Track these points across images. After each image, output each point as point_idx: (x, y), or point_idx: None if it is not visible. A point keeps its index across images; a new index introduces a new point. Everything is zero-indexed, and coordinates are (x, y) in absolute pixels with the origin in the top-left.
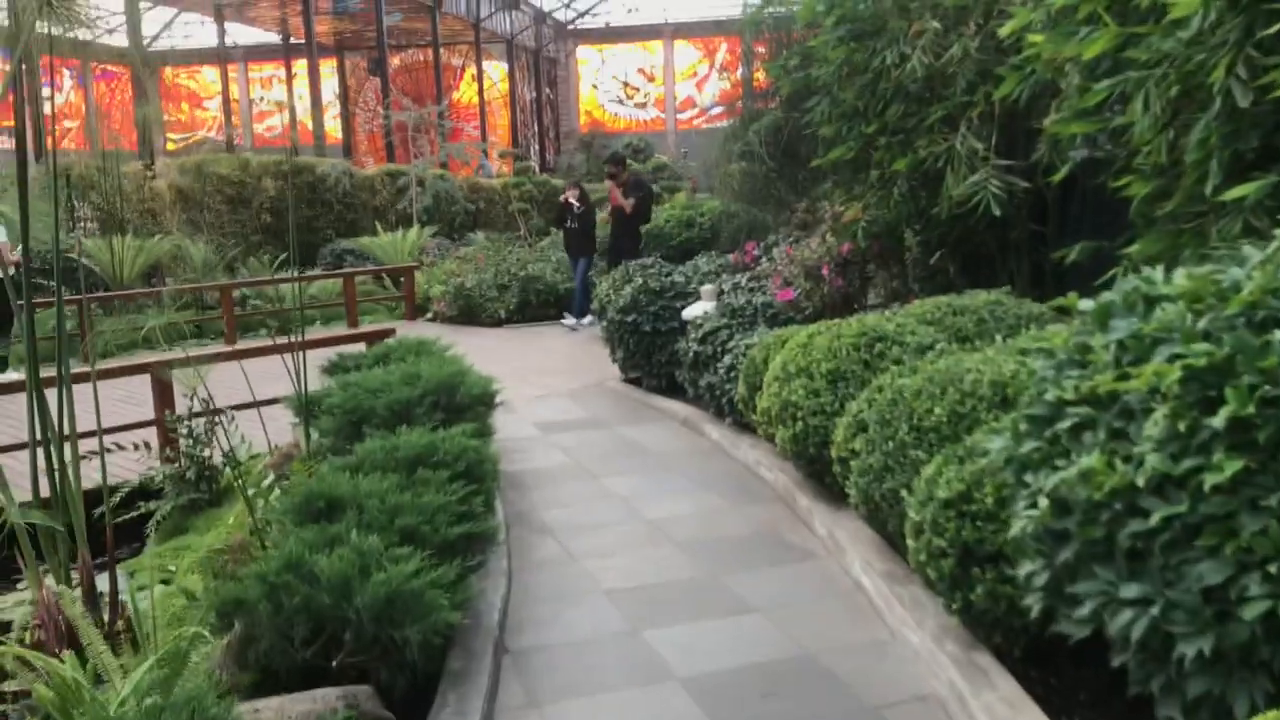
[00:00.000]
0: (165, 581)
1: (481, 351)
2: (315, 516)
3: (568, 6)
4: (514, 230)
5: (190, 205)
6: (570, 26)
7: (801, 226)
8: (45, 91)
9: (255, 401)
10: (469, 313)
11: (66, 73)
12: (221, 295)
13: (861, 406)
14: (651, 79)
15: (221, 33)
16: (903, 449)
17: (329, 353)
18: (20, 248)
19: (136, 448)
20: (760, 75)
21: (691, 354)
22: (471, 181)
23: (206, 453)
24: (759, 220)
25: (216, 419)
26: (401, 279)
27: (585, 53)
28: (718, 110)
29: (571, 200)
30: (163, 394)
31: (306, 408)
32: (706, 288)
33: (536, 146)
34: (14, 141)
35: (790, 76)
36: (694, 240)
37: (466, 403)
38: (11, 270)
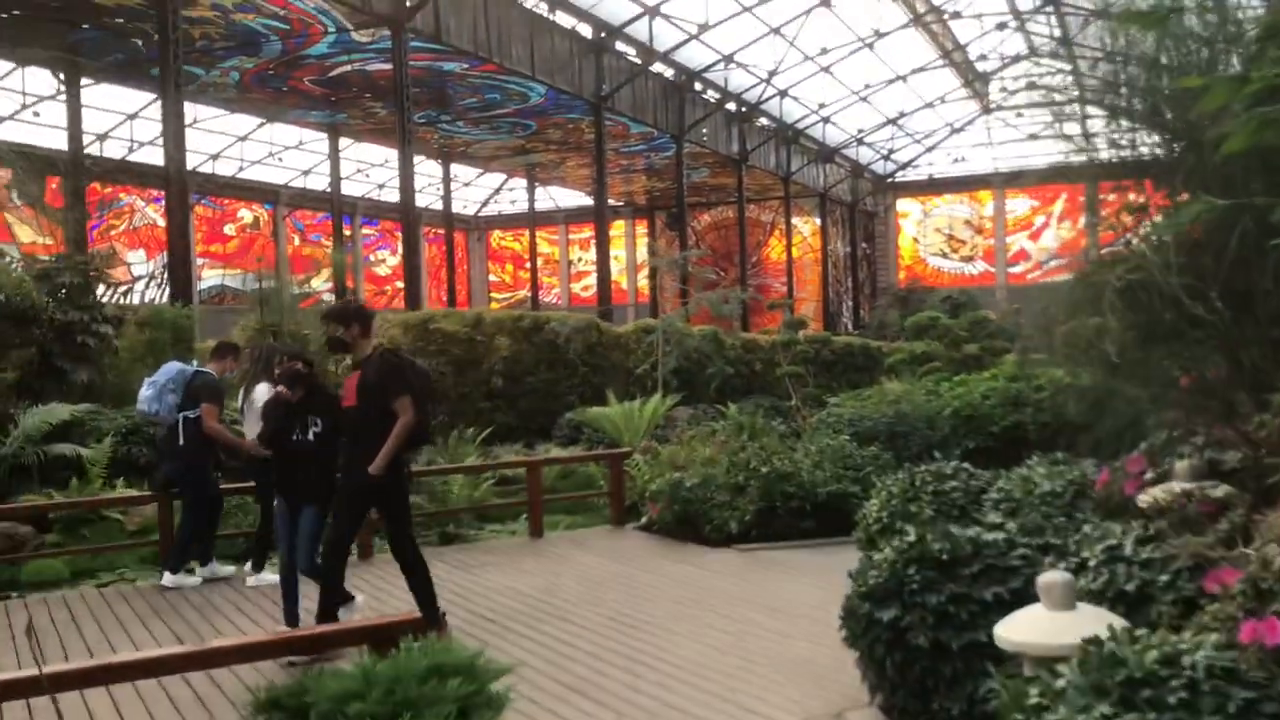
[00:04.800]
0: None
1: (660, 600)
2: None
3: (888, 159)
4: (785, 399)
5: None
6: (890, 179)
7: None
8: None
9: None
10: (688, 521)
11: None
12: None
13: None
14: (979, 230)
15: (532, 194)
16: None
17: None
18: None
19: None
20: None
21: None
22: (746, 339)
23: None
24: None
25: None
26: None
27: (906, 205)
28: (1055, 264)
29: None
30: None
31: None
32: (1052, 580)
33: (850, 303)
34: None
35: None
36: (1024, 428)
37: None
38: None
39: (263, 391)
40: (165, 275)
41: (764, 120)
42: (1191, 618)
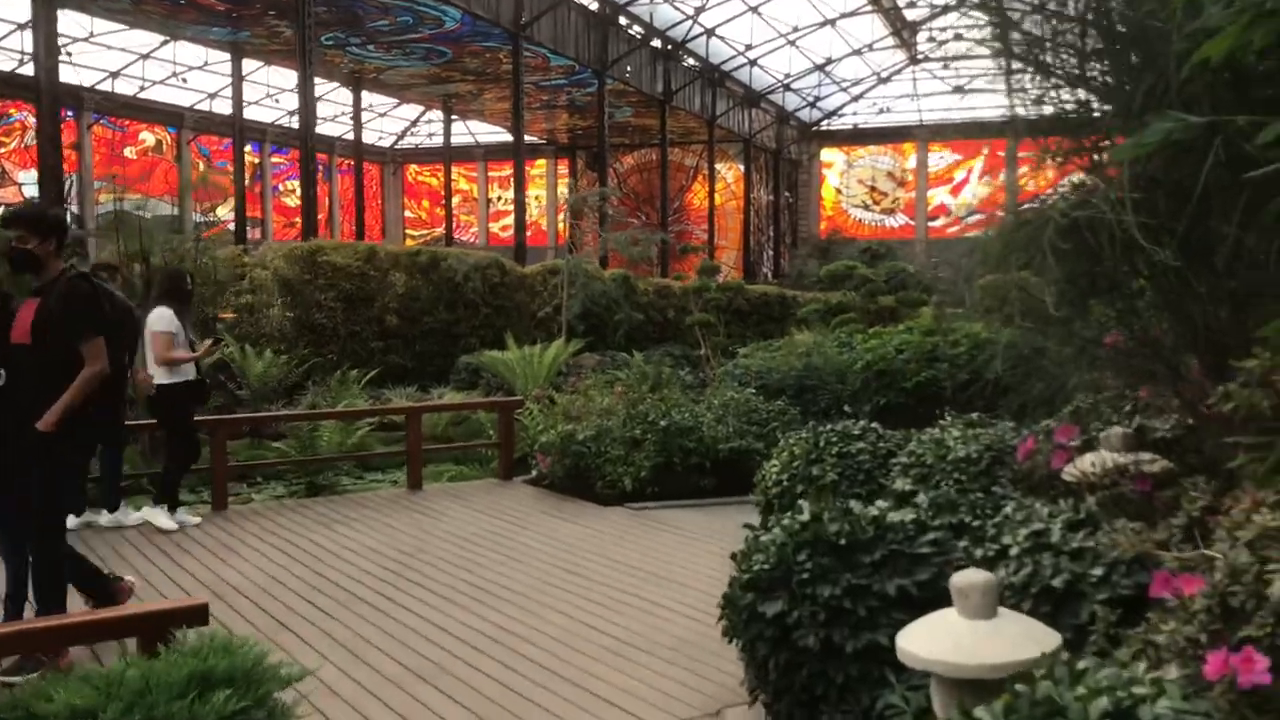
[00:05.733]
0: None
1: (535, 565)
2: None
3: (813, 106)
4: (697, 349)
5: (298, 301)
6: (815, 128)
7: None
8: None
9: None
10: (580, 476)
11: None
12: (212, 435)
13: None
14: (901, 183)
15: (448, 127)
16: None
17: None
18: None
19: None
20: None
21: None
22: (660, 284)
23: None
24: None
25: None
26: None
27: (830, 155)
28: (975, 218)
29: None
30: None
31: None
32: (970, 581)
33: (771, 252)
34: None
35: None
36: (939, 384)
37: None
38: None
39: (152, 315)
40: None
41: (690, 60)
42: (1132, 627)
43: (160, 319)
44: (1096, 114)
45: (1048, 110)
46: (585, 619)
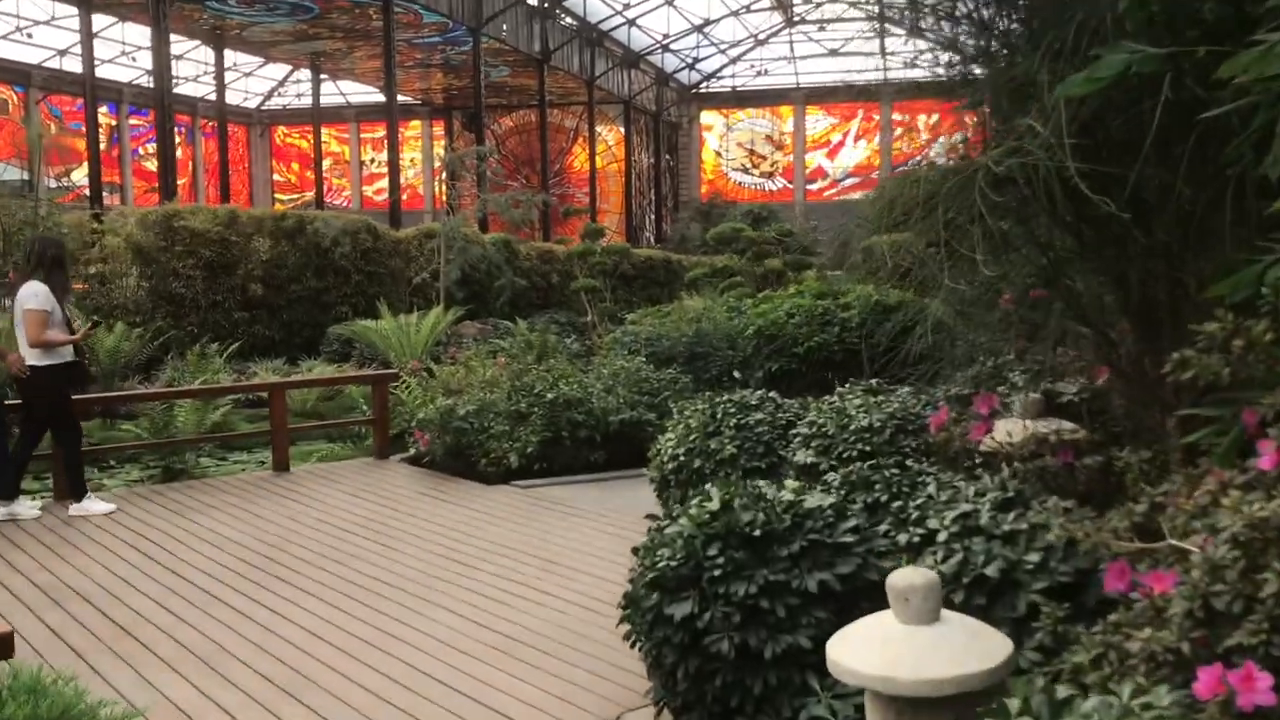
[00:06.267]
0: None
1: (414, 555)
2: None
3: (692, 68)
4: (582, 315)
5: (154, 270)
6: (695, 90)
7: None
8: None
9: None
10: (461, 454)
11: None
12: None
13: None
14: (780, 147)
15: (316, 87)
16: None
17: None
18: None
19: None
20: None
21: None
22: (543, 248)
23: None
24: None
25: None
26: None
27: (709, 118)
28: (851, 181)
29: None
30: None
31: None
32: (909, 582)
33: (653, 215)
34: None
35: None
36: (831, 349)
37: None
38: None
39: (26, 291)
40: None
41: (567, 19)
42: (1075, 621)
43: (34, 295)
44: (1001, 65)
45: (919, 73)
46: (472, 615)
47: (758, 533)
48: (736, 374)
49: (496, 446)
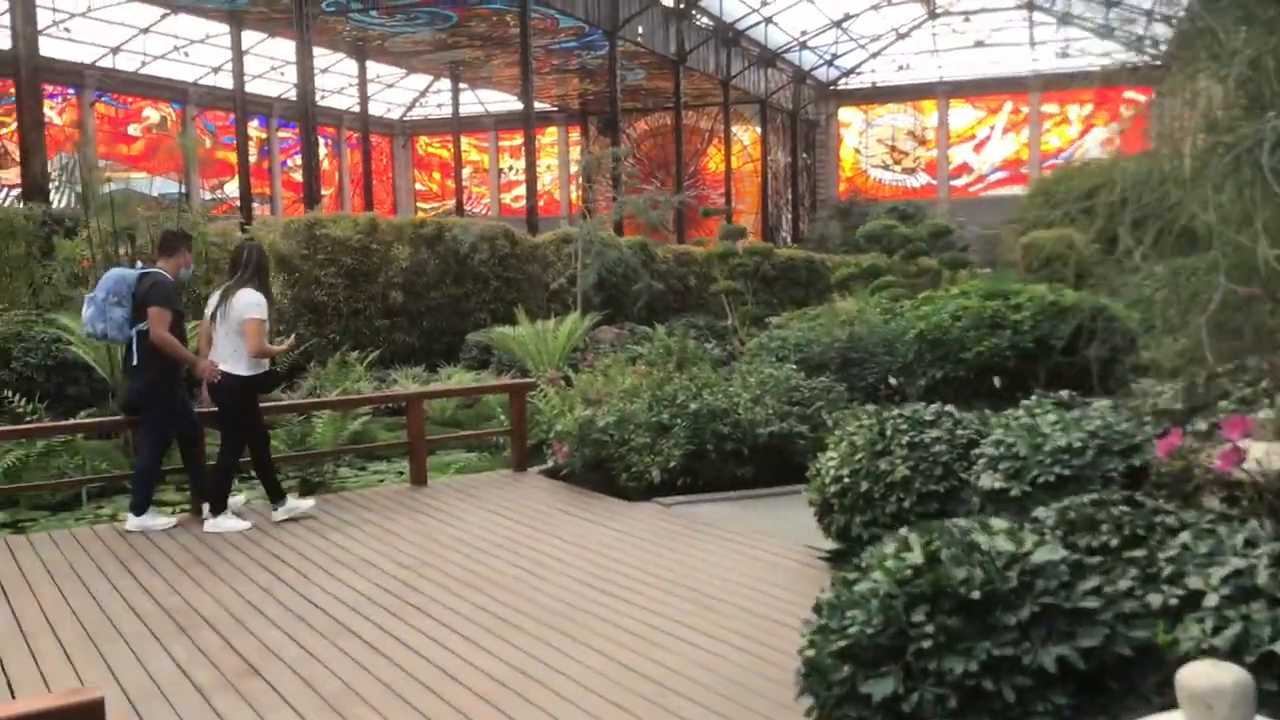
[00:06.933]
0: None
1: (556, 581)
2: None
3: (830, 64)
4: (721, 319)
5: (296, 278)
6: (833, 87)
7: None
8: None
9: None
10: (602, 467)
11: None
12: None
13: None
14: (922, 142)
15: (456, 96)
16: None
17: None
18: None
19: None
20: None
21: None
22: (679, 250)
23: None
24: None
25: None
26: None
27: (848, 114)
28: (999, 176)
29: None
30: None
31: None
32: (1216, 683)
33: (789, 215)
34: None
35: None
36: (1003, 354)
37: None
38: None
39: (247, 299)
40: (70, 175)
41: (703, 19)
42: None
43: (256, 305)
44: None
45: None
46: (618, 655)
47: (975, 594)
48: (891, 381)
49: (638, 460)
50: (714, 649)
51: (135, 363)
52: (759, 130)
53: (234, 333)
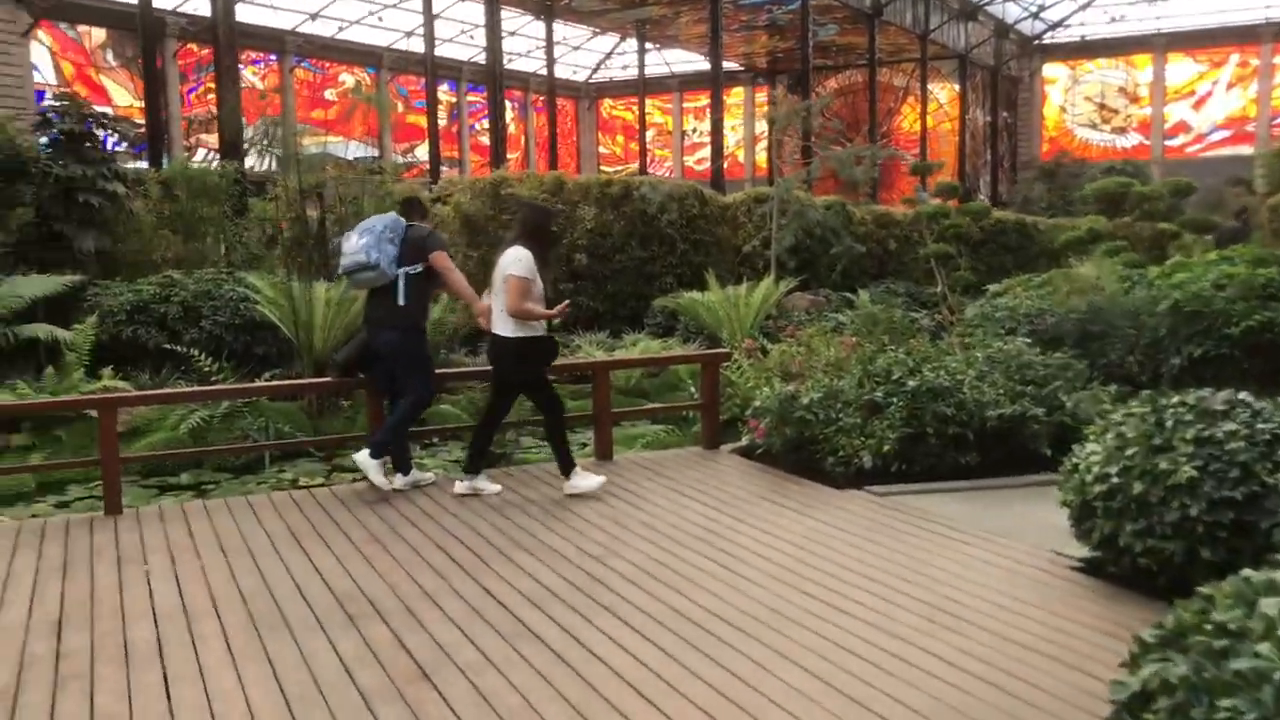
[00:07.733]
0: None
1: (759, 580)
2: None
3: (1036, 17)
4: (930, 285)
5: (480, 239)
6: (1038, 41)
7: None
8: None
9: None
10: (803, 448)
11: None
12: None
13: None
14: (1134, 99)
15: (642, 56)
16: None
17: None
18: None
19: None
20: None
21: None
22: (879, 212)
23: None
24: None
25: None
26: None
27: (1052, 70)
28: (1221, 135)
29: None
30: None
31: None
32: None
33: (988, 177)
34: None
35: None
36: (1276, 329)
37: None
38: None
39: (512, 255)
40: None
41: None
42: None
43: (517, 261)
44: None
45: None
46: (835, 679)
47: None
48: (1132, 356)
49: (846, 442)
50: (955, 680)
51: (401, 303)
52: (957, 88)
53: (500, 292)
